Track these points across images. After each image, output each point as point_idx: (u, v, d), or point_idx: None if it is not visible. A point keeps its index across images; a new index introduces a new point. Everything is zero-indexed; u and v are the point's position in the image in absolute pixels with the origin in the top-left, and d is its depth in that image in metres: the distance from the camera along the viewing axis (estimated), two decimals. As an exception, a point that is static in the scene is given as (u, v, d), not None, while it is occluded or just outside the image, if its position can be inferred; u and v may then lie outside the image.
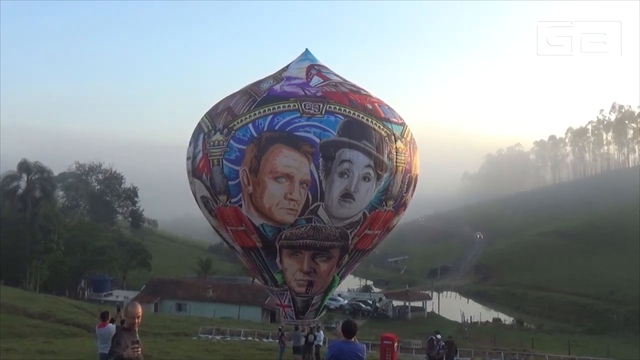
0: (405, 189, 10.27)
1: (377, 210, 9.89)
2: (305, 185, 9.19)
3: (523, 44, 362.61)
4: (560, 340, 45.56)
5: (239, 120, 9.48)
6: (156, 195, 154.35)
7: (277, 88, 10.05)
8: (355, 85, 10.69)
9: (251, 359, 22.28)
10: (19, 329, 25.45)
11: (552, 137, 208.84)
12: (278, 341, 22.08)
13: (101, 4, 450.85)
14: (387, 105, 10.56)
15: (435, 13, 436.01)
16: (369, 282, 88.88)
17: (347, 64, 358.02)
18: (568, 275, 78.66)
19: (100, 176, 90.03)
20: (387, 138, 9.74)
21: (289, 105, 9.46)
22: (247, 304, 48.26)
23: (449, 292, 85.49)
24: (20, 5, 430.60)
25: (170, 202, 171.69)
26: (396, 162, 9.86)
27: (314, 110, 9.39)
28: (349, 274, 11.84)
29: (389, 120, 10.03)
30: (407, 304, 59.66)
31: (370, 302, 59.26)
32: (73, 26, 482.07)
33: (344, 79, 10.82)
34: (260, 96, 9.79)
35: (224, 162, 9.42)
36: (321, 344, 21.22)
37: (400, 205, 10.42)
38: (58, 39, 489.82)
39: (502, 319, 62.65)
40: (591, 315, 63.86)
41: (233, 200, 9.55)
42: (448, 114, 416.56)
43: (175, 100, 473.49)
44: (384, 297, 63.10)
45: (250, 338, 31.47)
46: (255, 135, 9.25)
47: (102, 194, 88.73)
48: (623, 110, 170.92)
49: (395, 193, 10.02)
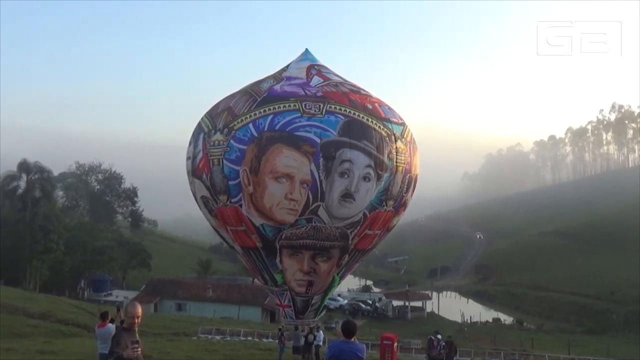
0: (405, 189, 10.27)
1: (377, 211, 9.89)
2: (305, 185, 9.18)
3: (523, 44, 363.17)
4: (560, 340, 45.57)
5: (239, 120, 9.48)
6: (156, 195, 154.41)
7: (277, 88, 10.05)
8: (355, 85, 10.69)
9: (251, 359, 22.27)
10: (19, 329, 25.43)
11: (552, 137, 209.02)
12: (278, 341, 22.06)
13: (101, 4, 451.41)
14: (387, 105, 10.56)
15: (435, 13, 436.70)
16: (369, 282, 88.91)
17: (347, 64, 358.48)
18: (568, 275, 78.67)
19: (100, 176, 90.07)
20: (387, 138, 9.74)
21: (290, 105, 9.46)
22: (247, 304, 48.26)
23: (448, 292, 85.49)
24: (20, 5, 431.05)
25: (170, 202, 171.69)
26: (396, 162, 9.86)
27: (315, 110, 9.39)
28: (348, 274, 11.84)
29: (389, 120, 10.04)
30: (407, 304, 59.68)
31: (370, 302, 59.25)
32: (73, 26, 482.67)
33: (344, 79, 10.82)
34: (261, 96, 9.79)
35: (224, 162, 9.42)
36: (321, 344, 21.23)
37: (401, 205, 10.43)
38: (58, 39, 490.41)
39: (502, 319, 62.64)
40: (591, 315, 63.86)
41: (233, 200, 9.54)
42: (448, 114, 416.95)
43: (175, 100, 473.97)
44: (383, 297, 63.09)
45: (250, 338, 31.46)
46: (256, 135, 9.25)
47: (102, 194, 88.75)
48: (623, 110, 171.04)
49: (395, 193, 10.02)
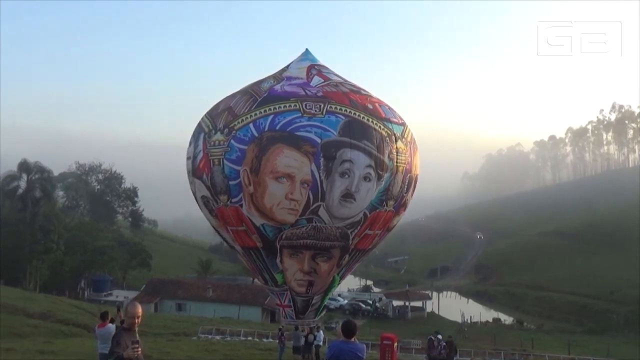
0: (405, 189, 10.28)
1: (377, 211, 9.90)
2: (306, 185, 9.19)
3: (523, 44, 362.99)
4: (560, 340, 45.57)
5: (239, 120, 9.48)
6: (156, 195, 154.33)
7: (277, 88, 10.05)
8: (355, 85, 10.70)
9: (251, 359, 22.27)
10: (19, 329, 25.43)
11: (552, 137, 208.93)
12: (278, 341, 22.06)
13: (101, 4, 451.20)
14: (387, 105, 10.56)
15: (435, 13, 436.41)
16: (369, 282, 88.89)
17: (347, 64, 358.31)
18: (568, 275, 78.67)
19: (100, 176, 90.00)
20: (387, 138, 9.75)
21: (290, 105, 9.46)
22: (247, 304, 48.25)
23: (448, 292, 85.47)
24: (20, 5, 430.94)
25: (170, 202, 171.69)
26: (397, 162, 9.87)
27: (315, 110, 9.39)
28: (349, 274, 11.84)
29: (389, 121, 10.04)
30: (407, 304, 59.67)
31: (370, 302, 59.25)
32: (73, 26, 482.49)
33: (344, 79, 10.83)
34: (261, 96, 9.79)
35: (224, 161, 9.42)
36: (321, 344, 21.23)
37: (401, 205, 10.43)
38: (58, 39, 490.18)
39: (502, 319, 62.65)
40: (591, 315, 63.86)
41: (234, 200, 9.54)
42: (448, 114, 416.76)
43: (175, 100, 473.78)
44: (383, 297, 63.09)
45: (250, 338, 31.45)
46: (256, 135, 9.25)
47: (102, 194, 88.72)
48: (623, 110, 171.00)
49: (395, 193, 10.03)
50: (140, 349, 5.20)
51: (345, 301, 58.39)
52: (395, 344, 17.92)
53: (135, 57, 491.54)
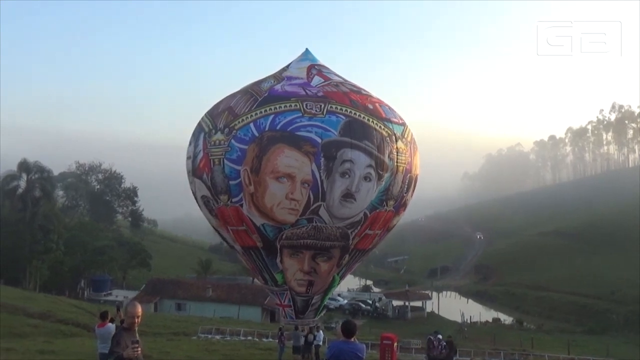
0: (405, 189, 10.28)
1: (377, 210, 9.90)
2: (306, 185, 9.18)
3: (523, 44, 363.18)
4: (560, 340, 45.56)
5: (240, 120, 9.47)
6: (156, 195, 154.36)
7: (278, 88, 10.04)
8: (355, 85, 10.70)
9: (251, 358, 22.25)
10: (19, 329, 25.40)
11: (552, 137, 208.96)
12: (278, 341, 22.03)
13: (101, 4, 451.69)
14: (387, 105, 10.57)
15: (435, 13, 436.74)
16: (369, 282, 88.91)
17: (347, 64, 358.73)
18: (568, 275, 78.66)
19: (100, 176, 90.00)
20: (388, 138, 9.75)
21: (291, 105, 9.46)
22: (247, 303, 48.23)
23: (448, 292, 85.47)
24: (20, 5, 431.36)
25: (170, 202, 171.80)
26: (397, 162, 9.87)
27: (316, 110, 9.39)
28: (348, 274, 11.84)
29: (389, 121, 10.04)
30: (406, 303, 59.68)
31: (370, 302, 59.24)
32: (73, 26, 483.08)
33: (344, 79, 10.83)
34: (262, 96, 9.79)
35: (225, 161, 9.41)
36: (321, 344, 21.24)
37: (401, 205, 10.44)
38: (58, 39, 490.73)
39: (501, 319, 62.65)
40: (591, 315, 63.85)
41: (234, 200, 9.54)
42: (448, 114, 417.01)
43: (175, 100, 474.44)
44: (383, 297, 63.09)
45: (250, 338, 31.42)
46: (257, 134, 9.25)
47: (102, 193, 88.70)
48: (623, 110, 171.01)
49: (395, 193, 10.03)
50: (140, 349, 5.20)
51: (345, 301, 58.38)
52: (395, 344, 17.91)
53: (135, 57, 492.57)
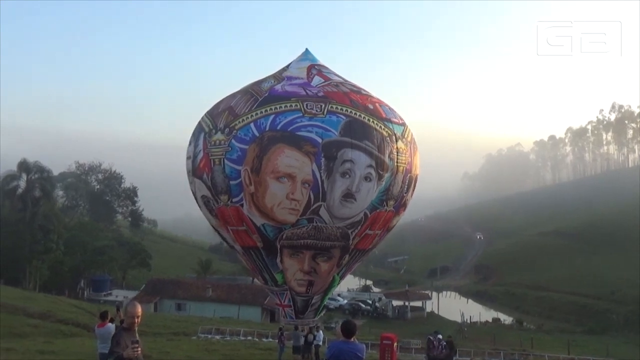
0: (405, 189, 10.28)
1: (378, 210, 9.89)
2: (307, 185, 9.17)
3: (523, 44, 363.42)
4: (560, 340, 45.58)
5: (240, 120, 9.46)
6: (156, 195, 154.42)
7: (278, 88, 10.03)
8: (355, 86, 10.69)
9: (251, 358, 22.24)
10: (19, 329, 25.40)
11: (552, 137, 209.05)
12: (277, 341, 22.03)
13: (101, 4, 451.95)
14: (387, 105, 10.57)
15: (435, 13, 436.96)
16: (369, 282, 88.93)
17: (347, 64, 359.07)
18: (568, 275, 78.68)
19: (100, 176, 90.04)
20: (388, 138, 9.74)
21: (291, 105, 9.45)
22: (246, 303, 48.23)
23: (448, 292, 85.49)
24: (20, 5, 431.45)
25: (170, 202, 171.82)
26: (397, 162, 9.86)
27: (316, 110, 9.38)
28: (348, 274, 11.83)
29: (390, 121, 10.03)
30: (406, 303, 59.69)
31: (370, 302, 59.25)
32: (73, 26, 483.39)
33: (344, 79, 10.82)
34: (262, 96, 9.77)
35: (225, 161, 9.40)
36: (320, 344, 21.24)
37: (401, 205, 10.43)
38: (58, 39, 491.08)
39: (501, 319, 62.68)
40: (591, 315, 63.87)
41: (234, 200, 9.53)
42: (448, 114, 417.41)
43: (175, 100, 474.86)
44: (383, 297, 63.10)
45: (249, 338, 31.42)
46: (257, 134, 9.23)
47: (102, 193, 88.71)
48: (623, 110, 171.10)
49: (396, 193, 10.03)
50: (140, 349, 5.20)
51: (345, 301, 58.39)
52: (395, 344, 17.88)
53: (135, 57, 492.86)
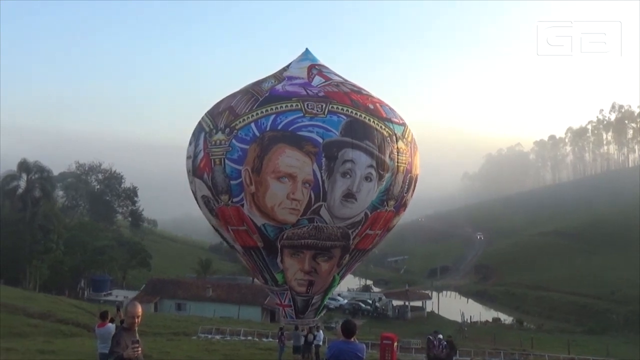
0: (405, 189, 10.28)
1: (378, 210, 9.90)
2: (307, 185, 9.17)
3: (523, 44, 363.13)
4: (560, 340, 45.56)
5: (241, 120, 9.46)
6: (156, 195, 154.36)
7: (279, 88, 10.03)
8: (356, 85, 10.70)
9: (251, 358, 22.24)
10: (19, 329, 25.39)
11: (552, 137, 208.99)
12: (278, 341, 22.02)
13: (101, 4, 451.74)
14: (388, 105, 10.57)
15: (435, 13, 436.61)
16: (369, 282, 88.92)
17: (347, 64, 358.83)
18: (568, 275, 78.68)
19: (100, 176, 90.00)
20: (388, 138, 9.75)
21: (292, 105, 9.45)
22: (247, 303, 48.21)
23: (448, 292, 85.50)
24: (20, 5, 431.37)
25: (170, 202, 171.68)
26: (397, 162, 9.87)
27: (317, 110, 9.38)
28: (349, 274, 11.83)
29: (390, 121, 10.04)
30: (406, 303, 59.68)
31: (370, 302, 59.24)
32: (73, 26, 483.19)
33: (344, 79, 10.82)
34: (262, 96, 9.77)
35: (226, 161, 9.40)
36: (321, 344, 21.23)
37: (401, 205, 10.44)
38: (58, 39, 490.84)
39: (501, 319, 62.69)
40: (591, 315, 63.88)
41: (235, 200, 9.53)
42: (448, 114, 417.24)
43: (175, 100, 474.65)
44: (383, 297, 63.11)
45: (250, 338, 31.41)
46: (258, 134, 9.24)
47: (102, 193, 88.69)
48: (623, 110, 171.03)
49: (396, 193, 10.03)
50: (140, 349, 5.19)
51: (345, 301, 58.39)
52: (395, 344, 17.87)
53: (135, 57, 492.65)
